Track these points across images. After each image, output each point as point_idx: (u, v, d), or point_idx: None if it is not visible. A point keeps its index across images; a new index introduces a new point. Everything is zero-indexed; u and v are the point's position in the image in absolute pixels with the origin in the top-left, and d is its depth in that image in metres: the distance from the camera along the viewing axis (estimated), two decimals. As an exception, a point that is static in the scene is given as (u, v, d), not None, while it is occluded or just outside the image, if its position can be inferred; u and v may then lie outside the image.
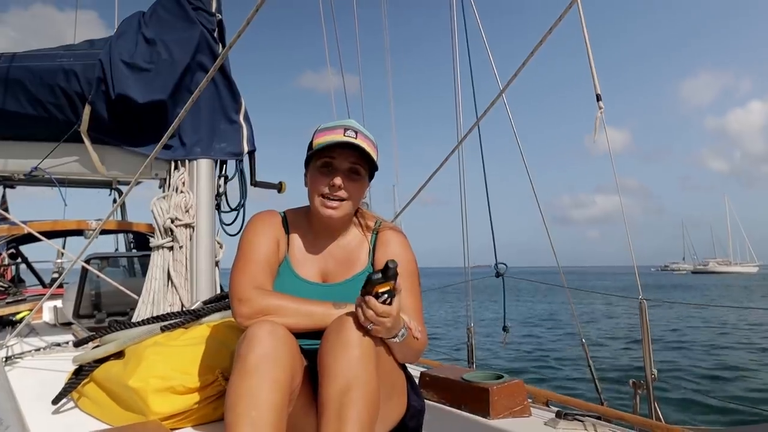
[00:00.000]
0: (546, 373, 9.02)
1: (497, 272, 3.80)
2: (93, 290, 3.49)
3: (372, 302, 1.26)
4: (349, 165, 1.53)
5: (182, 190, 2.69)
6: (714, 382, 8.36)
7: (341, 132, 1.52)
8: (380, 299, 1.26)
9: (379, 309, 1.26)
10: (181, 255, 2.65)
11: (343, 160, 1.53)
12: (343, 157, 1.52)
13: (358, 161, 1.54)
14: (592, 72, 2.81)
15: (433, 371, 2.26)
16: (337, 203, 1.53)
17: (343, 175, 1.53)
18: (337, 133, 1.51)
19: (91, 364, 1.89)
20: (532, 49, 1.91)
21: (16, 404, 1.75)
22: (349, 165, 1.53)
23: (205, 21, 2.82)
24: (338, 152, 1.52)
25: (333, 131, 1.53)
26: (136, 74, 2.67)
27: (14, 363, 2.55)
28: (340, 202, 1.53)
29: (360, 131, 1.54)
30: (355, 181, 1.55)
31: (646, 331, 2.80)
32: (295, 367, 1.31)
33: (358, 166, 1.55)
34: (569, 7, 1.82)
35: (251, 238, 1.56)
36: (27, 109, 2.73)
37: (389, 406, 1.45)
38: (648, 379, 2.74)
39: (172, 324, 1.93)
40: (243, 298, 1.41)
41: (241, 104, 2.91)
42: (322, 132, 1.55)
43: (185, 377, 1.67)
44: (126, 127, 2.76)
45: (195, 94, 1.76)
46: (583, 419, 1.90)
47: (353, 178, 1.55)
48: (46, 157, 2.77)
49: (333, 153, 1.52)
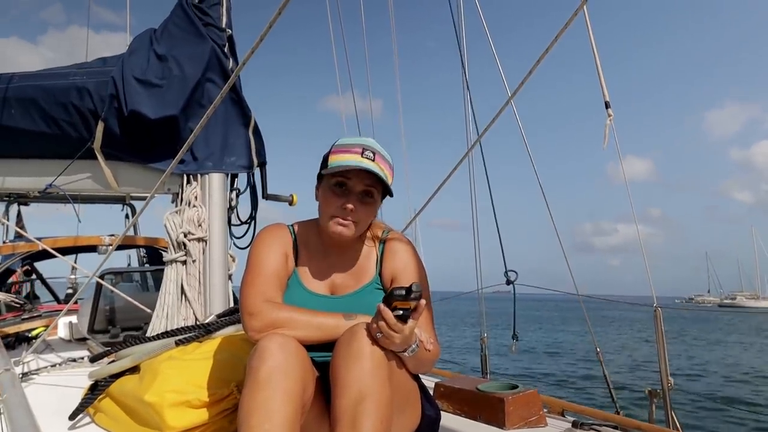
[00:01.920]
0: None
1: (507, 279, 3.78)
2: (107, 305, 3.50)
3: (386, 313, 1.27)
4: (364, 188, 1.52)
5: (195, 204, 2.71)
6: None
7: (359, 152, 1.50)
8: (395, 313, 1.27)
9: (391, 322, 1.26)
10: (194, 269, 2.66)
11: (358, 182, 1.51)
12: (359, 179, 1.51)
13: (373, 184, 1.53)
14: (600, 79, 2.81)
15: (448, 382, 2.25)
16: (348, 222, 1.52)
17: (356, 199, 1.52)
18: (355, 153, 1.50)
19: (107, 379, 1.89)
20: (539, 57, 1.91)
21: (34, 420, 1.76)
22: (364, 188, 1.52)
23: (215, 37, 2.85)
24: (354, 173, 1.50)
25: (351, 150, 1.51)
26: (148, 90, 2.70)
27: (30, 379, 2.57)
28: (351, 222, 1.53)
29: (378, 152, 1.53)
30: (367, 204, 1.55)
31: (661, 339, 2.77)
32: (307, 378, 1.31)
33: (372, 189, 1.54)
34: (575, 14, 1.82)
35: (260, 252, 1.57)
36: (41, 127, 2.77)
37: (403, 417, 1.45)
38: (664, 387, 2.71)
39: (186, 338, 1.94)
40: (253, 312, 1.41)
41: (250, 118, 2.94)
42: (339, 149, 1.54)
43: (200, 391, 1.68)
44: (138, 142, 2.79)
45: (209, 111, 1.78)
46: (599, 429, 1.88)
47: (366, 201, 1.54)
48: (60, 175, 2.80)
49: (349, 173, 1.50)
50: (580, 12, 1.83)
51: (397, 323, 1.27)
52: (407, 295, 1.26)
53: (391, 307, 1.27)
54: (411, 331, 1.31)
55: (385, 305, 1.28)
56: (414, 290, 1.26)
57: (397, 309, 1.27)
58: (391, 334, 1.27)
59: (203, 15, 2.85)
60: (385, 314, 1.27)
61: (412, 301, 1.27)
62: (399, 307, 1.27)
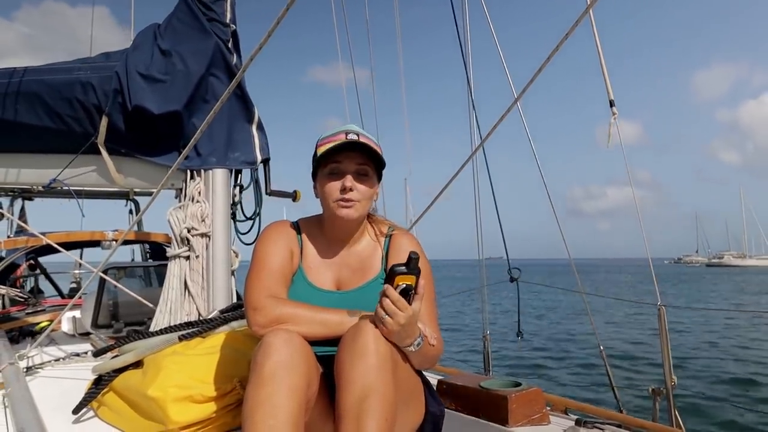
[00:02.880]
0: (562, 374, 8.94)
1: (511, 277, 3.80)
2: (111, 300, 3.51)
3: (390, 290, 1.27)
4: (356, 167, 1.55)
5: (198, 200, 2.71)
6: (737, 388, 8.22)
7: (343, 136, 1.54)
8: (398, 290, 1.28)
9: (395, 297, 1.27)
10: (198, 264, 2.66)
11: (349, 163, 1.54)
12: (349, 159, 1.54)
13: (364, 162, 1.55)
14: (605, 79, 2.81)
15: (450, 379, 2.25)
16: (350, 203, 1.54)
17: (353, 176, 1.54)
18: (339, 138, 1.54)
19: (111, 373, 1.90)
20: (548, 56, 1.91)
21: (38, 414, 1.77)
22: (356, 167, 1.55)
23: (219, 32, 2.85)
24: (343, 156, 1.53)
25: (334, 137, 1.55)
26: (152, 85, 2.70)
27: (35, 373, 2.58)
28: (353, 202, 1.54)
29: (361, 133, 1.57)
30: (364, 181, 1.57)
31: (665, 337, 2.77)
32: (311, 374, 1.31)
33: (366, 167, 1.56)
34: (583, 14, 1.82)
35: (265, 248, 1.57)
36: (45, 121, 2.77)
37: (407, 413, 1.45)
38: (668, 385, 2.71)
39: (189, 333, 1.94)
40: (258, 307, 1.41)
41: (254, 113, 2.93)
42: (323, 141, 1.57)
43: (204, 386, 1.68)
44: (142, 137, 2.79)
45: (216, 107, 1.77)
46: (603, 427, 1.88)
47: (362, 179, 1.56)
48: (64, 169, 2.80)
49: (338, 157, 1.53)
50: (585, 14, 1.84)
51: (402, 299, 1.28)
52: (408, 265, 1.27)
53: (393, 286, 1.28)
54: (416, 315, 1.31)
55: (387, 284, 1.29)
56: (413, 257, 1.27)
57: (399, 286, 1.28)
58: (396, 312, 1.27)
59: (207, 10, 2.84)
60: (388, 292, 1.28)
61: (413, 273, 1.28)
62: (401, 283, 1.28)
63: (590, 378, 8.46)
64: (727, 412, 6.53)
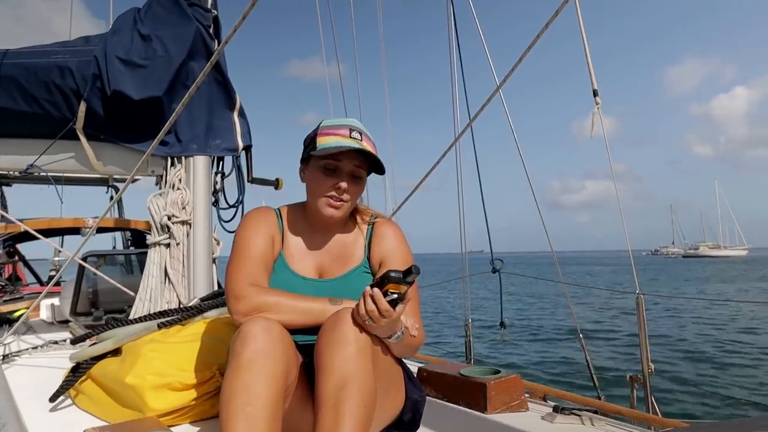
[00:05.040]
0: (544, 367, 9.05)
1: (493, 268, 3.83)
2: (90, 288, 3.48)
3: (378, 297, 1.25)
4: (353, 168, 1.53)
5: (179, 187, 2.69)
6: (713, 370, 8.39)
7: (347, 132, 1.51)
8: (387, 298, 1.25)
9: (383, 306, 1.25)
10: (178, 252, 2.64)
11: (347, 163, 1.52)
12: (349, 160, 1.52)
13: (361, 164, 1.54)
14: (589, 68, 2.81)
15: (431, 366, 2.26)
16: (340, 203, 1.53)
17: (347, 179, 1.52)
18: (343, 134, 1.51)
19: (89, 361, 1.88)
20: (529, 45, 1.91)
21: (14, 402, 1.75)
22: (353, 168, 1.53)
23: (200, 17, 2.81)
24: (344, 155, 1.51)
25: (338, 131, 1.52)
26: (132, 70, 2.66)
27: (11, 361, 2.55)
28: (343, 203, 1.53)
29: (364, 132, 1.54)
30: (357, 183, 1.55)
31: (642, 325, 2.81)
32: (290, 362, 1.31)
33: (361, 169, 1.55)
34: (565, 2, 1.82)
35: (246, 235, 1.56)
36: (22, 106, 2.73)
37: (387, 401, 1.45)
38: (645, 373, 2.75)
39: (169, 321, 1.93)
40: (239, 296, 1.40)
41: (236, 100, 2.91)
42: (326, 130, 1.54)
43: (182, 374, 1.67)
44: (122, 123, 2.75)
45: (191, 90, 1.76)
46: (580, 413, 1.90)
47: (356, 181, 1.55)
48: (41, 155, 2.76)
49: (339, 156, 1.51)
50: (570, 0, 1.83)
51: (390, 309, 1.25)
52: (405, 278, 1.24)
53: (383, 291, 1.25)
54: (398, 317, 1.31)
55: (377, 288, 1.26)
56: (413, 272, 1.24)
57: (389, 293, 1.25)
58: (379, 319, 1.25)
59: (188, -5, 2.80)
60: (377, 298, 1.25)
61: (407, 284, 1.25)
62: (392, 291, 1.25)
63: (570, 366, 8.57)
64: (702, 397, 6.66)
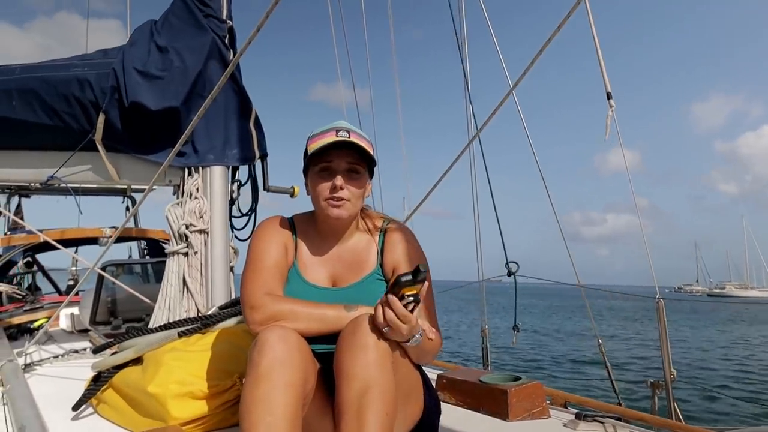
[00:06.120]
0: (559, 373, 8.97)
1: (509, 271, 3.78)
2: (109, 297, 3.51)
3: (396, 304, 1.25)
4: (347, 165, 1.53)
5: (196, 197, 2.71)
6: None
7: (333, 134, 1.51)
8: (404, 302, 1.25)
9: (401, 312, 1.25)
10: (196, 261, 2.66)
11: (340, 161, 1.52)
12: (340, 158, 1.52)
13: (355, 161, 1.53)
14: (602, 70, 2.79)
15: (450, 374, 2.25)
16: (341, 202, 1.52)
17: (343, 176, 1.52)
18: (330, 136, 1.50)
19: (110, 370, 1.90)
20: (541, 47, 1.90)
21: (37, 411, 1.77)
22: (347, 165, 1.53)
23: (216, 28, 2.84)
24: (334, 154, 1.51)
25: (325, 135, 1.52)
26: (149, 82, 2.69)
27: (33, 370, 2.57)
28: (344, 201, 1.53)
29: (352, 130, 1.54)
30: (355, 180, 1.54)
31: (663, 330, 2.77)
32: (308, 370, 1.31)
33: (357, 165, 1.54)
34: (576, 4, 1.80)
35: (260, 245, 1.56)
36: (42, 118, 2.77)
37: (407, 407, 1.44)
38: (667, 379, 2.71)
39: (189, 330, 1.94)
40: (255, 305, 1.41)
41: (251, 110, 2.92)
42: (314, 138, 1.54)
43: (204, 382, 1.68)
44: (139, 134, 2.78)
45: (207, 101, 1.77)
46: (602, 420, 1.88)
47: (353, 177, 1.54)
48: (61, 166, 2.80)
49: (329, 156, 1.51)
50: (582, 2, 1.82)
51: (408, 313, 1.25)
52: (415, 277, 1.24)
53: (398, 296, 1.25)
54: (416, 320, 1.30)
55: (392, 295, 1.26)
56: (421, 270, 1.24)
57: (405, 297, 1.25)
58: (400, 326, 1.25)
59: (203, 6, 2.83)
60: (394, 305, 1.25)
61: (419, 283, 1.25)
62: (407, 294, 1.25)
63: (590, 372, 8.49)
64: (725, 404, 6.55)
